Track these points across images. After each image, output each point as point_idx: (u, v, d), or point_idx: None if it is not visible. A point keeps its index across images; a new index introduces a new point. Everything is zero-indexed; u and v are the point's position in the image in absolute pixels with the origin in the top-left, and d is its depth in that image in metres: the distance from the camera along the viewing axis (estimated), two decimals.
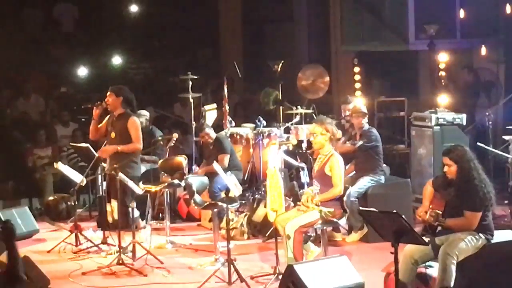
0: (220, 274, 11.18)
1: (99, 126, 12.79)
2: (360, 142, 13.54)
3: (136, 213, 12.51)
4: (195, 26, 23.93)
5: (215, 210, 12.29)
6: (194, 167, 15.08)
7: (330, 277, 10.16)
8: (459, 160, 9.50)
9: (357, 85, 17.52)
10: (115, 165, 12.26)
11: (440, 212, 9.47)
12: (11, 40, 21.52)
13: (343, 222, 11.98)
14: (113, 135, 12.70)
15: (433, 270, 9.51)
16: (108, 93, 12.72)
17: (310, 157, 12.53)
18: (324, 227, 11.44)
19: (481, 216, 9.39)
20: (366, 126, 13.76)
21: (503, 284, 9.18)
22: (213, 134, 14.43)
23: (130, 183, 12.55)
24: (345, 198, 11.96)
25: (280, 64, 14.04)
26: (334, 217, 11.39)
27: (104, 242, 12.95)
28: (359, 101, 14.56)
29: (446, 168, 9.63)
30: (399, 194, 13.59)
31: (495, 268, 9.39)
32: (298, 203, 11.70)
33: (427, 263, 9.59)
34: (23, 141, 18.64)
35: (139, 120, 15.22)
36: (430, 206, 9.65)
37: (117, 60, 22.69)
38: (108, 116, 12.90)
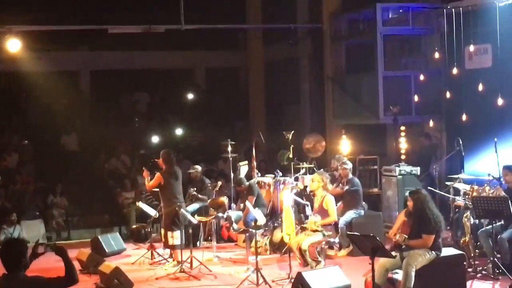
0: (251, 279, 11.18)
1: None
2: (346, 187, 13.66)
3: (178, 241, 12.45)
4: (232, 107, 24.07)
5: (247, 234, 12.31)
6: (233, 205, 15.07)
7: (327, 280, 10.19)
8: (414, 199, 9.61)
9: (344, 147, 17.47)
10: (178, 204, 12.30)
11: (406, 236, 9.51)
12: (106, 117, 21.71)
13: (336, 240, 12.04)
14: None
15: (399, 275, 9.49)
16: None
17: (312, 198, 12.55)
18: (323, 246, 11.52)
19: (434, 238, 9.40)
20: (350, 176, 13.89)
21: (445, 283, 9.16)
22: (245, 184, 14.43)
23: (189, 216, 12.60)
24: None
25: (291, 133, 14.05)
26: (331, 237, 11.52)
27: (170, 257, 12.95)
28: (346, 160, 14.62)
29: (408, 203, 9.74)
30: (374, 222, 13.58)
31: (440, 273, 9.39)
32: (303, 225, 11.84)
33: (394, 271, 9.58)
34: (115, 187, 18.72)
35: (194, 171, 15.35)
36: (400, 230, 9.69)
37: (179, 131, 22.78)
38: None
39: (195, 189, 14.85)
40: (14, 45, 15.95)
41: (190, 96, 24.35)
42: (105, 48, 22.58)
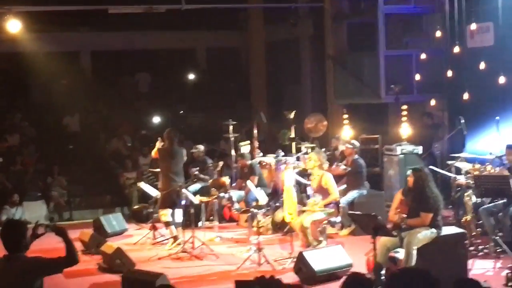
0: (253, 258, 11.20)
1: None
2: (349, 169, 13.63)
3: (169, 217, 12.57)
4: (233, 87, 24.01)
5: (249, 214, 12.32)
6: (234, 184, 15.06)
7: (329, 260, 10.21)
8: (415, 176, 9.61)
9: (346, 127, 17.46)
10: (180, 184, 12.33)
11: (405, 216, 9.50)
12: (107, 98, 21.66)
13: (338, 219, 12.03)
14: None
15: (400, 254, 9.49)
16: None
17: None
18: (325, 225, 11.52)
19: (433, 216, 9.39)
20: (356, 156, 13.86)
21: (447, 262, 9.17)
22: (248, 161, 14.44)
23: (190, 196, 12.58)
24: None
25: (293, 113, 14.01)
26: (333, 215, 11.51)
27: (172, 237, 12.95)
28: (353, 140, 14.64)
29: (409, 178, 9.71)
30: (376, 202, 13.58)
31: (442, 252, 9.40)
32: (305, 207, 11.79)
33: (396, 250, 9.58)
34: (116, 167, 18.74)
35: (196, 150, 15.34)
36: (398, 210, 9.67)
37: (180, 111, 22.72)
38: None
39: (198, 169, 14.84)
40: (14, 25, 15.86)
41: (191, 76, 24.29)
42: (106, 29, 22.48)
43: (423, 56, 15.77)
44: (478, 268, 10.50)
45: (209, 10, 19.89)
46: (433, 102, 16.30)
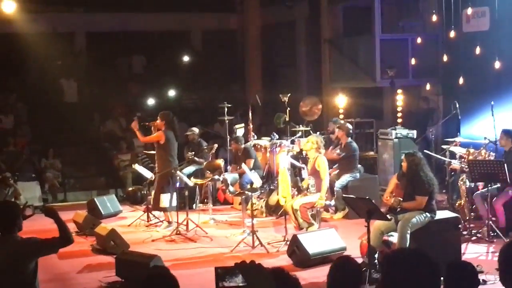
0: (246, 241, 11.20)
1: None
2: (343, 154, 13.59)
3: (167, 203, 12.53)
4: (228, 70, 23.94)
5: (243, 197, 12.30)
6: (229, 167, 15.06)
7: (322, 243, 10.22)
8: (408, 161, 9.61)
9: (341, 111, 17.45)
10: (174, 167, 12.32)
11: (401, 199, 9.49)
12: (102, 79, 21.59)
13: (332, 203, 12.03)
14: None
15: (394, 238, 9.51)
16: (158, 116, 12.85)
17: (308, 160, 12.50)
18: (319, 209, 11.52)
19: (428, 200, 9.41)
20: (349, 140, 13.83)
21: (440, 246, 9.18)
22: (242, 145, 14.43)
23: (185, 178, 12.57)
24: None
25: (288, 96, 13.97)
26: (326, 199, 11.52)
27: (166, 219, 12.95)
28: (345, 123, 14.59)
29: (403, 163, 9.72)
30: (370, 185, 13.62)
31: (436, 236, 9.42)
32: (299, 186, 11.80)
33: (389, 233, 9.59)
34: (110, 149, 18.69)
35: (191, 133, 15.31)
36: (393, 194, 9.68)
37: (173, 93, 22.66)
38: None
39: (194, 152, 14.81)
40: (9, 6, 15.78)
41: (186, 58, 24.21)
42: (101, 10, 22.35)
43: (418, 40, 15.73)
44: (472, 252, 10.55)
45: None
46: (428, 87, 16.29)
